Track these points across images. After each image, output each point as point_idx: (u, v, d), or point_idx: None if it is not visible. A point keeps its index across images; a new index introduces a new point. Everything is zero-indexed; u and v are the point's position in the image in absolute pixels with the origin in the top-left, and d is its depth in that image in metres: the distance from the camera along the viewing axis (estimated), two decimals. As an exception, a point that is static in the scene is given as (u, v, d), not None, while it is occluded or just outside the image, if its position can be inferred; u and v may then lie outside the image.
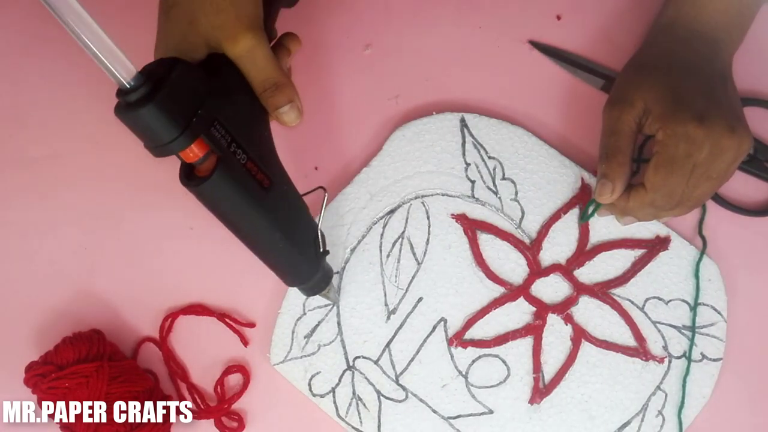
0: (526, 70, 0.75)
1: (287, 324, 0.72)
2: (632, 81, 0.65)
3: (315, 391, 0.71)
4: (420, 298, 0.72)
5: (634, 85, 0.64)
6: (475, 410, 0.70)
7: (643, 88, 0.63)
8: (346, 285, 0.72)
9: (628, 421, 0.70)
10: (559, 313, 0.71)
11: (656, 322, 0.71)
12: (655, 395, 0.70)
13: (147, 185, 0.74)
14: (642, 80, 0.64)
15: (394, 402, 0.70)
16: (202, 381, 0.72)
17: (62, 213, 0.74)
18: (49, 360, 0.67)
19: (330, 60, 0.76)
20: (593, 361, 0.70)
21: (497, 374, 0.71)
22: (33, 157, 0.75)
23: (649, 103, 0.62)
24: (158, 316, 0.73)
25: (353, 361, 0.71)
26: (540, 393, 0.70)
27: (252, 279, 0.73)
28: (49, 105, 0.76)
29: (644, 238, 0.71)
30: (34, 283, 0.73)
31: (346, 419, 0.70)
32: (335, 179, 0.74)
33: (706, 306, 0.71)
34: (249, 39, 0.55)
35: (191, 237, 0.74)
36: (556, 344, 0.71)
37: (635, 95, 0.63)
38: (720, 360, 0.70)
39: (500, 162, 0.73)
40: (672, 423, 0.70)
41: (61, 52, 0.76)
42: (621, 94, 0.65)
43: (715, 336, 0.70)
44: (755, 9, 0.68)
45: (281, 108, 0.58)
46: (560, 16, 0.76)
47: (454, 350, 0.71)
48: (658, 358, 0.70)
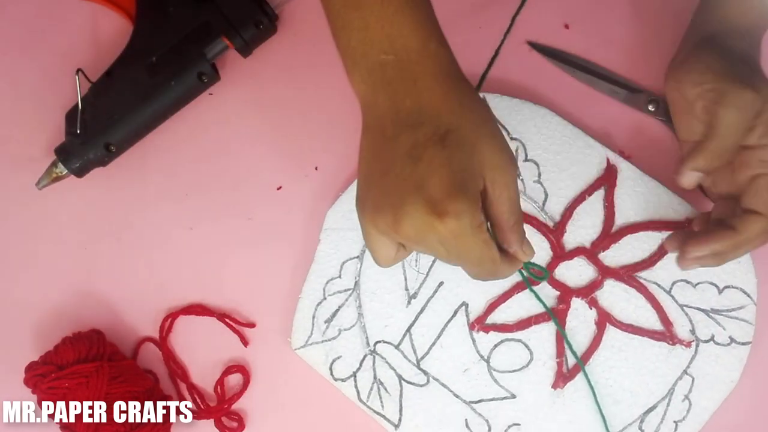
0: (526, 70, 0.74)
1: (308, 309, 0.71)
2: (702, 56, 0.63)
3: (336, 375, 0.70)
4: (441, 283, 0.71)
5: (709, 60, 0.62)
6: (498, 395, 0.70)
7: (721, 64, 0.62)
8: (366, 269, 0.71)
9: (654, 405, 0.69)
10: (584, 296, 0.70)
11: (683, 306, 0.69)
12: (682, 379, 0.69)
13: (147, 185, 0.74)
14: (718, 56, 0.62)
15: (416, 386, 0.70)
16: (202, 381, 0.73)
17: (62, 213, 0.74)
18: (49, 360, 0.67)
19: (330, 59, 0.73)
20: (618, 346, 0.69)
21: (520, 359, 0.70)
22: (33, 156, 0.73)
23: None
24: (158, 316, 0.73)
25: (374, 346, 0.70)
26: (563, 378, 0.69)
27: (252, 279, 0.73)
28: (49, 104, 0.74)
29: (672, 219, 0.70)
30: (34, 283, 0.73)
31: (367, 403, 0.70)
32: (335, 179, 0.74)
33: (735, 288, 0.70)
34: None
35: (191, 237, 0.73)
36: (580, 328, 0.70)
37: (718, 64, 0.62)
38: (749, 344, 0.69)
39: (522, 143, 0.71)
40: (699, 407, 0.68)
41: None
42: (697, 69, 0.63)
43: (743, 319, 0.69)
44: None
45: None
46: (563, 20, 0.75)
47: (476, 335, 0.70)
48: (685, 342, 0.69)
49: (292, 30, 0.75)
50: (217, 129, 0.74)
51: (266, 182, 0.74)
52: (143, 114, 0.70)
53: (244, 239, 0.73)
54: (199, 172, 0.74)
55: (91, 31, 0.75)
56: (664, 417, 0.68)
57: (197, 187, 0.73)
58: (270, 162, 0.74)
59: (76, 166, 0.70)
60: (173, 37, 0.70)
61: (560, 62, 0.74)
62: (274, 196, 0.73)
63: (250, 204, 0.73)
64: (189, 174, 0.74)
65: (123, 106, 0.69)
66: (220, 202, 0.73)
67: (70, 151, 0.69)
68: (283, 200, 0.73)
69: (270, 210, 0.73)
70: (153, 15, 0.70)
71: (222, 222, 0.73)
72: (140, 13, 0.71)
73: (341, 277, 0.71)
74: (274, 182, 0.74)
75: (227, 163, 0.74)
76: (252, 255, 0.73)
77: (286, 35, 0.74)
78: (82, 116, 0.69)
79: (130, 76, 0.69)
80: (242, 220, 0.73)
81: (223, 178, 0.74)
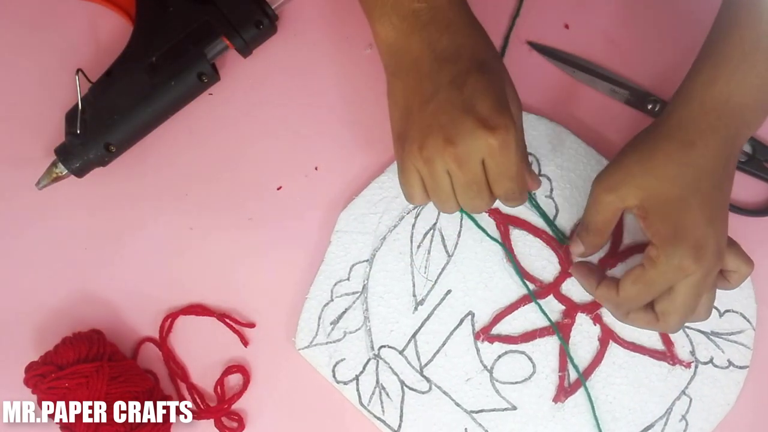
0: (526, 70, 0.74)
1: (314, 309, 0.71)
2: (635, 176, 0.60)
3: (339, 377, 0.70)
4: (449, 291, 0.71)
5: (636, 184, 0.60)
6: (499, 405, 0.70)
7: (646, 192, 0.59)
8: (375, 273, 0.71)
9: (652, 424, 0.70)
10: (589, 313, 0.70)
11: (685, 327, 0.70)
12: (680, 400, 0.70)
13: (147, 185, 0.74)
14: (647, 183, 0.59)
15: (418, 393, 0.70)
16: (202, 381, 0.73)
17: (62, 213, 0.74)
18: (49, 360, 0.67)
19: (331, 59, 0.75)
20: (620, 363, 0.70)
21: (522, 371, 0.70)
22: (33, 156, 0.73)
23: (649, 208, 0.59)
24: (158, 316, 0.73)
25: (378, 350, 0.71)
26: (565, 392, 0.70)
27: (252, 279, 0.73)
28: (49, 104, 0.73)
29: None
30: (34, 283, 0.73)
31: (368, 407, 0.70)
32: (335, 179, 0.74)
33: (735, 313, 0.71)
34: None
35: (191, 237, 0.73)
36: (583, 344, 0.70)
37: (634, 195, 0.60)
38: (746, 368, 0.70)
39: (537, 158, 0.72)
40: (695, 428, 0.69)
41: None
42: (620, 183, 0.60)
43: (742, 344, 0.70)
44: None
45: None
46: (563, 20, 0.75)
47: (481, 344, 0.70)
48: (684, 362, 0.70)
49: (292, 30, 0.75)
50: (217, 129, 0.74)
51: (266, 182, 0.74)
52: (143, 114, 0.70)
53: (244, 239, 0.73)
54: (199, 172, 0.74)
55: (91, 31, 0.75)
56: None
57: (197, 187, 0.73)
58: (270, 162, 0.74)
59: (76, 166, 0.70)
60: (173, 37, 0.70)
61: (560, 62, 0.74)
62: (274, 196, 0.73)
63: (250, 204, 0.73)
64: (189, 174, 0.74)
65: (123, 106, 0.69)
66: (220, 202, 0.73)
67: (70, 151, 0.69)
68: (283, 200, 0.73)
69: (270, 210, 0.73)
70: (153, 15, 0.70)
71: (222, 222, 0.73)
72: (140, 13, 0.70)
73: (350, 279, 0.71)
74: (274, 182, 0.74)
75: (227, 163, 0.74)
76: (252, 255, 0.73)
77: (286, 35, 0.74)
78: (82, 116, 0.69)
79: (130, 76, 0.69)
80: (242, 220, 0.73)
81: (223, 178, 0.73)
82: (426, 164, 0.57)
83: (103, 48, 0.74)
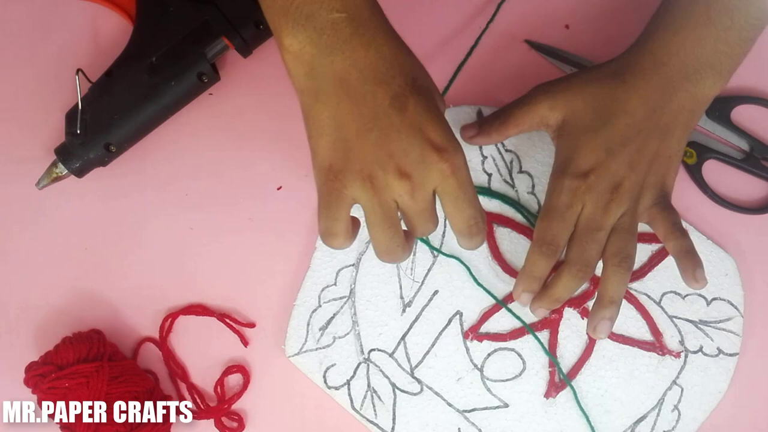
0: (525, 69, 0.75)
1: (302, 316, 0.71)
2: (571, 92, 0.64)
3: (330, 383, 0.70)
4: (436, 291, 0.71)
5: (567, 98, 0.64)
6: (491, 404, 0.70)
7: (570, 112, 0.63)
8: (362, 277, 0.71)
9: (644, 415, 0.70)
10: (576, 306, 0.71)
11: (673, 317, 0.71)
12: (671, 390, 0.70)
13: (147, 185, 0.74)
14: (574, 104, 0.63)
15: (409, 395, 0.70)
16: (202, 381, 0.73)
17: (62, 213, 0.74)
18: (49, 360, 0.67)
19: None
20: (609, 356, 0.70)
21: (513, 368, 0.71)
22: (33, 156, 0.73)
23: (563, 129, 0.64)
24: (158, 316, 0.73)
25: (368, 354, 0.71)
26: (555, 387, 0.70)
27: (252, 279, 0.73)
28: (49, 104, 0.73)
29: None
30: (34, 283, 0.73)
31: (360, 411, 0.70)
32: None
33: (723, 300, 0.71)
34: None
35: (191, 237, 0.73)
36: (572, 338, 0.71)
37: (561, 109, 0.63)
38: (736, 355, 0.71)
39: (517, 155, 0.72)
40: (688, 418, 0.70)
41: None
42: (557, 92, 0.64)
43: (731, 331, 0.71)
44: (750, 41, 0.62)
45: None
46: (563, 20, 0.75)
47: (470, 343, 0.71)
48: (674, 352, 0.70)
49: (292, 30, 0.74)
50: (217, 129, 0.74)
51: (266, 182, 0.74)
52: (143, 114, 0.70)
53: (244, 239, 0.73)
54: (199, 172, 0.74)
55: (91, 31, 0.74)
56: (654, 427, 0.70)
57: (197, 187, 0.73)
58: (270, 162, 0.74)
59: (76, 166, 0.70)
60: (173, 37, 0.69)
61: (560, 62, 0.74)
62: (274, 196, 0.74)
63: (250, 204, 0.73)
64: (189, 174, 0.74)
65: (123, 106, 0.69)
66: (220, 202, 0.73)
67: (70, 151, 0.69)
68: (283, 200, 0.73)
69: (270, 210, 0.73)
70: (153, 15, 0.70)
71: (222, 222, 0.73)
72: (140, 13, 0.70)
73: (336, 284, 0.71)
74: (274, 182, 0.74)
75: (227, 163, 0.74)
76: (252, 255, 0.73)
77: (287, 35, 0.74)
78: (82, 116, 0.68)
79: (130, 76, 0.69)
80: (242, 220, 0.73)
81: (223, 178, 0.74)
82: (375, 196, 0.54)
83: (103, 48, 0.74)
